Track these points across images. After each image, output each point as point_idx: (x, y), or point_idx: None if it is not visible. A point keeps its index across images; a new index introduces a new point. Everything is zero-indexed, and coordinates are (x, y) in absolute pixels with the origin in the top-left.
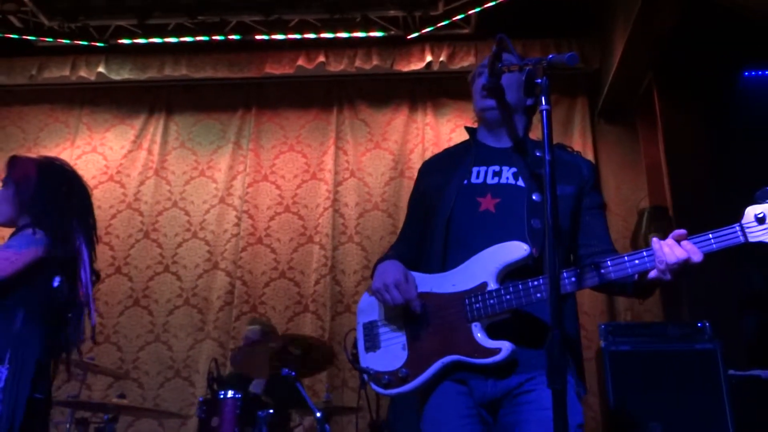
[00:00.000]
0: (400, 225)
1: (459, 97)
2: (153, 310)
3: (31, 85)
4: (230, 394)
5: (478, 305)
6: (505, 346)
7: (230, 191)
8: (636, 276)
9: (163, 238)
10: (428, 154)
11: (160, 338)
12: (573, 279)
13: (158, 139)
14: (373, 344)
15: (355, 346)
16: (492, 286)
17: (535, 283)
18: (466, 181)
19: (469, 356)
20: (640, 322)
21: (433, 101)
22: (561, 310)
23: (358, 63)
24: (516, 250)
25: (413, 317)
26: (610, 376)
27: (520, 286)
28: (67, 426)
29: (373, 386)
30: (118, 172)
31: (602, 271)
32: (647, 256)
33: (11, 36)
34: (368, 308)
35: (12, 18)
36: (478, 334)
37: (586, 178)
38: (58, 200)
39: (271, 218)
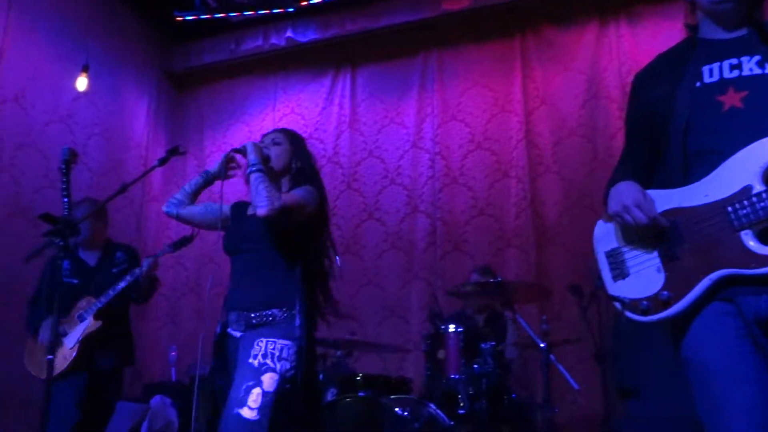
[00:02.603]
0: (600, 149)
1: (657, 1)
2: (363, 255)
3: (232, 59)
4: (452, 328)
5: (744, 211)
6: None
7: (421, 135)
8: None
9: (364, 187)
10: (625, 69)
11: (372, 281)
12: None
13: (347, 92)
14: (621, 272)
15: (599, 277)
16: (758, 188)
17: None
18: (698, 83)
19: (743, 268)
20: None
21: (626, 10)
22: None
23: None
24: None
25: (662, 237)
26: None
27: None
28: None
29: (630, 315)
30: (316, 129)
31: None
32: None
33: (212, 16)
34: (605, 236)
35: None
36: (751, 243)
37: None
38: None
39: (464, 157)
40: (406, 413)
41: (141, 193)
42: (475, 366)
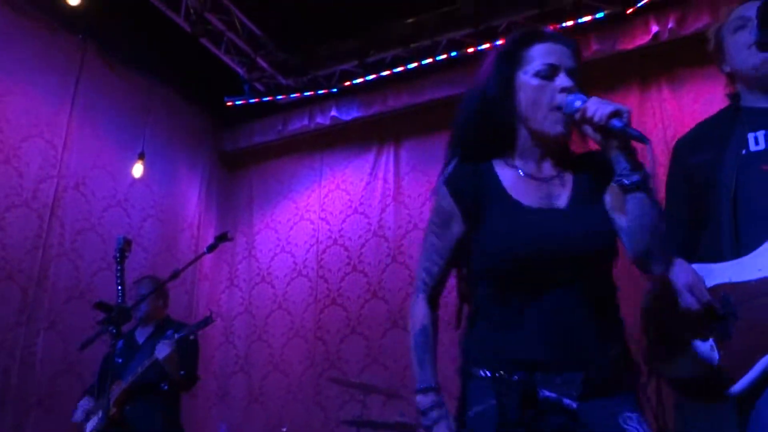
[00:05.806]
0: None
1: (697, 64)
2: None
3: (279, 139)
4: None
5: None
6: None
7: None
8: None
9: (410, 260)
10: (670, 133)
11: None
12: None
13: (391, 167)
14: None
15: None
16: None
17: None
18: (744, 151)
19: None
20: None
21: (668, 74)
22: None
23: None
24: None
25: (713, 316)
26: None
27: None
28: None
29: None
30: (361, 203)
31: None
32: None
33: (261, 99)
34: None
35: (257, 84)
36: None
37: None
38: None
39: None
40: None
41: (192, 273)
42: None
